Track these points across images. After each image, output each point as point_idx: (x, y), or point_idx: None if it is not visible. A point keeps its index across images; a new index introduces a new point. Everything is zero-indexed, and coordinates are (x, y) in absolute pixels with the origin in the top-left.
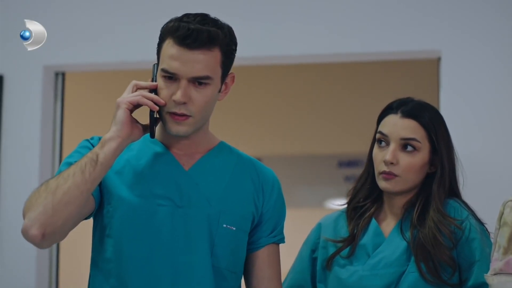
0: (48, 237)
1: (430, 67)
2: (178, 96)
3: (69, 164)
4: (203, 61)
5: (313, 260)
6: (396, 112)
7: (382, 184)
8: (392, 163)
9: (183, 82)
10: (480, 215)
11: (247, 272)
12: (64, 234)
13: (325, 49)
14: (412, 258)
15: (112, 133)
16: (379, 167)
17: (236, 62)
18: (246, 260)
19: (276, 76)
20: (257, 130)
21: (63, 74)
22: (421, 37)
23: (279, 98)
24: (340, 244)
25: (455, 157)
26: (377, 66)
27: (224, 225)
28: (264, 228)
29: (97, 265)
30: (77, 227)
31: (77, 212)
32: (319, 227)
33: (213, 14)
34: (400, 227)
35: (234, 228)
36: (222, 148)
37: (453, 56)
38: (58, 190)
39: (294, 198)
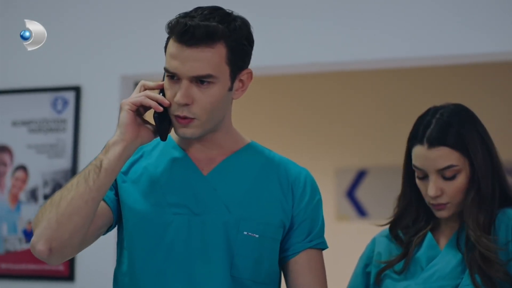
0: (56, 251)
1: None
2: (178, 97)
3: None
4: (203, 59)
5: (367, 275)
6: (422, 143)
7: (436, 214)
8: (438, 196)
9: (184, 82)
10: None
11: (286, 282)
12: (76, 248)
13: (407, 52)
14: (467, 271)
15: (116, 137)
16: (427, 198)
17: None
18: (283, 270)
19: (380, 84)
20: (363, 141)
21: None
22: (500, 39)
23: (384, 107)
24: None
25: (498, 159)
26: (459, 69)
27: (245, 233)
28: (298, 233)
29: (117, 279)
30: None
31: (84, 223)
32: (373, 242)
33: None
34: (457, 238)
35: (257, 236)
36: (250, 149)
37: None
38: (61, 202)
39: None
